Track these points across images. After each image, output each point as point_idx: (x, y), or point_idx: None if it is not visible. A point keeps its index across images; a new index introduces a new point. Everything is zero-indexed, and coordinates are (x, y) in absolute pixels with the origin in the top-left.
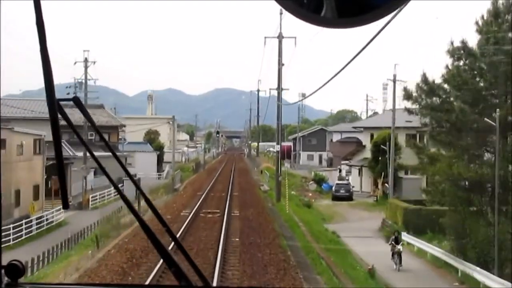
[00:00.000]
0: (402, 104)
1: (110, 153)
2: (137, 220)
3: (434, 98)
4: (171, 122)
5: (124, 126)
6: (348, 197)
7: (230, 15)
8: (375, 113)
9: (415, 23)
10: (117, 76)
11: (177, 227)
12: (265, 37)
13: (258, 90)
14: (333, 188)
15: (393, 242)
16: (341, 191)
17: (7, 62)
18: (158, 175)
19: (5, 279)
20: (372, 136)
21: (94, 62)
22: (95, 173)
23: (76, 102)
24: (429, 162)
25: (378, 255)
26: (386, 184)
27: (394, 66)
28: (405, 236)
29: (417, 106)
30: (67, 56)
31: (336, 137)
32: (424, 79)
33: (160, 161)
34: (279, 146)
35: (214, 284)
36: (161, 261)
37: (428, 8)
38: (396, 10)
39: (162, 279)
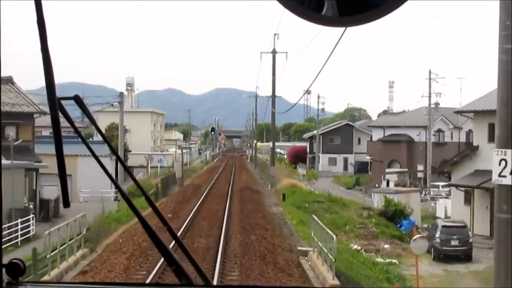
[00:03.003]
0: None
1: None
2: (138, 218)
3: None
4: (115, 104)
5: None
6: (465, 254)
7: (231, 14)
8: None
9: (416, 22)
10: (115, 76)
11: None
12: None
13: (274, 51)
14: (437, 235)
15: None
16: (453, 243)
17: (7, 62)
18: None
19: (6, 278)
20: (492, 127)
21: None
22: None
23: (77, 100)
24: None
25: None
26: None
27: None
28: None
29: None
30: (67, 55)
31: (377, 135)
32: None
33: (122, 169)
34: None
35: (215, 282)
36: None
37: (429, 7)
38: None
39: None
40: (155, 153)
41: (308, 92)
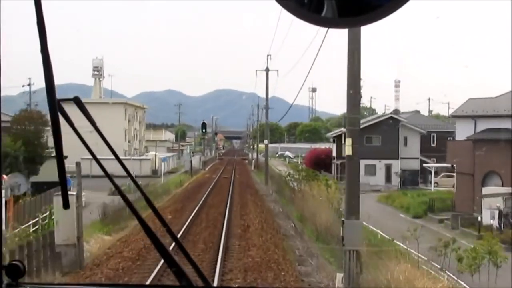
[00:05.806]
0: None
1: None
2: (137, 220)
3: None
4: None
5: None
6: None
7: (230, 15)
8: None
9: (416, 23)
10: (114, 76)
11: None
12: None
13: None
14: None
15: None
16: None
17: (7, 62)
18: None
19: (6, 280)
20: None
21: None
22: None
23: (77, 102)
24: None
25: None
26: None
27: None
28: None
29: None
30: (65, 56)
31: (464, 131)
32: None
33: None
34: None
35: (215, 284)
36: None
37: (429, 8)
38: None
39: None
40: (152, 156)
41: (313, 90)
